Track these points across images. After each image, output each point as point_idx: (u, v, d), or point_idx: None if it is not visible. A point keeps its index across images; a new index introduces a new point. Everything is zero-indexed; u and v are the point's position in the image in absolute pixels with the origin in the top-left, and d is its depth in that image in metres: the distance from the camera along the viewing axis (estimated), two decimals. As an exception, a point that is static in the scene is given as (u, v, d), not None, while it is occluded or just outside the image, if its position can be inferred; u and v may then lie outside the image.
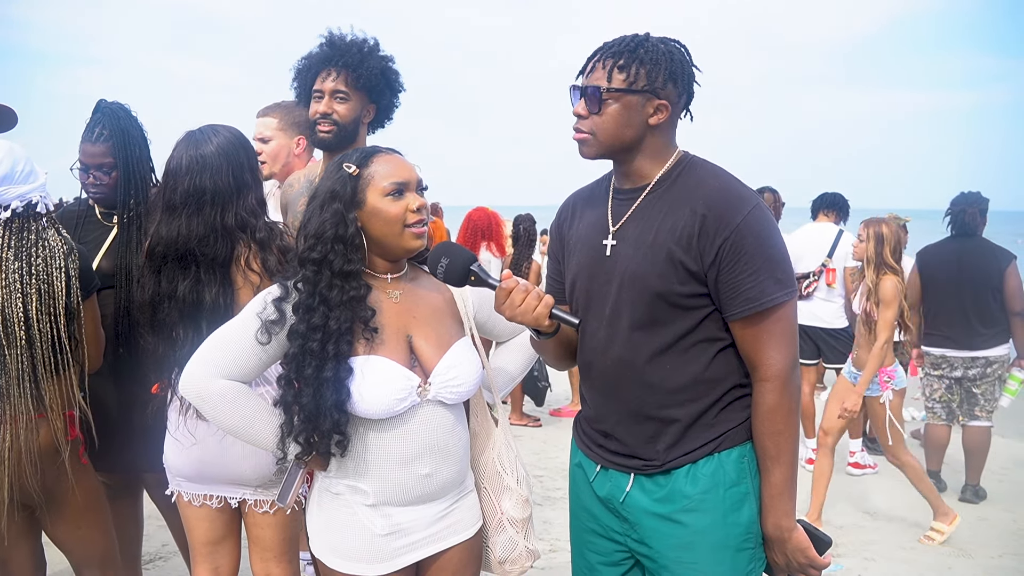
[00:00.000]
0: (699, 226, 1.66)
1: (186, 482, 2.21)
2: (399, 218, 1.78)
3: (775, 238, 1.70)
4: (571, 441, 1.99)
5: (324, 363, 1.70)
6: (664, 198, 1.73)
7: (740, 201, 1.68)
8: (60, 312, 2.19)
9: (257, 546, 2.25)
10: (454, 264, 1.74)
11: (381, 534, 1.78)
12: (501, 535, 1.94)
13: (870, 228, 4.29)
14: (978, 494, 4.98)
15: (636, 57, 1.69)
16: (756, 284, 1.65)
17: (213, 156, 2.15)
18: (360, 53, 2.55)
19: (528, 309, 1.70)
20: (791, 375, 1.70)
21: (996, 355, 4.89)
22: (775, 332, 1.68)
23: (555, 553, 3.95)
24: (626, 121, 1.71)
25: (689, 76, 1.76)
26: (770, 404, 1.70)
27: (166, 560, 3.77)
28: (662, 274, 1.69)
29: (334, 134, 2.57)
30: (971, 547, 4.25)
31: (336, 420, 1.71)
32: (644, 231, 1.73)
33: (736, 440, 1.75)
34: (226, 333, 1.79)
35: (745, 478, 1.75)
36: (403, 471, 1.77)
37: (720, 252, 1.65)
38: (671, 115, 1.74)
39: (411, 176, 1.82)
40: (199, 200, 2.13)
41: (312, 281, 1.74)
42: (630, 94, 1.70)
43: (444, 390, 1.79)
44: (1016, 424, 6.30)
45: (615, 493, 1.81)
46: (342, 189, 1.77)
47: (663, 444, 1.74)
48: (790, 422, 1.71)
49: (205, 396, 1.74)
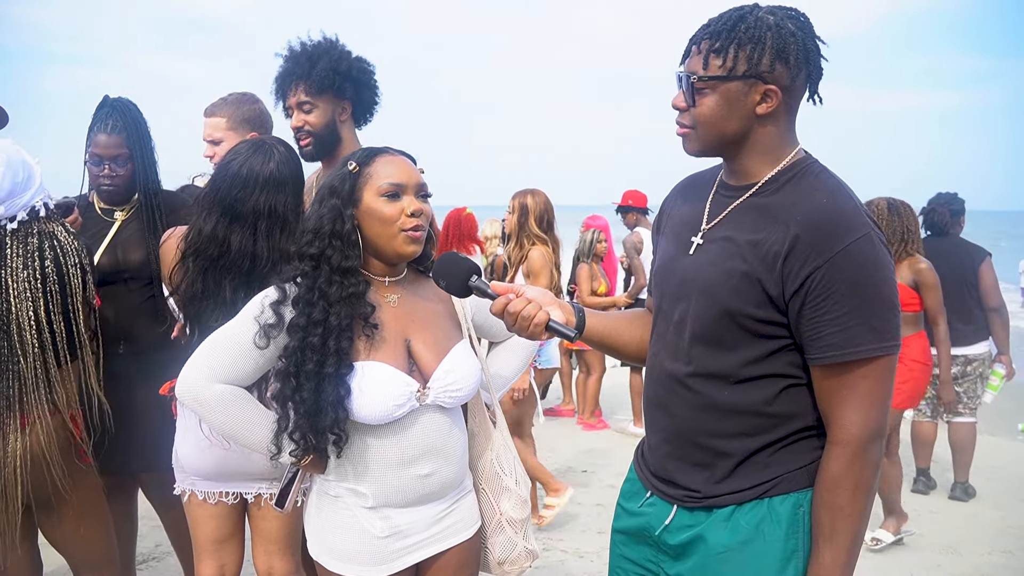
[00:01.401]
0: (789, 246, 1.43)
1: (202, 480, 2.20)
2: (393, 220, 1.76)
3: (881, 278, 1.43)
4: (631, 464, 1.82)
5: (325, 358, 1.70)
6: (765, 204, 1.51)
7: (846, 227, 1.42)
8: (79, 307, 2.22)
9: (262, 539, 2.26)
10: (454, 279, 1.69)
11: (381, 536, 1.78)
12: (500, 536, 1.94)
13: (515, 200, 4.25)
14: (967, 491, 5.02)
15: (734, 37, 1.45)
16: (843, 329, 1.41)
17: (290, 179, 2.16)
18: (309, 61, 2.56)
19: (521, 330, 1.62)
20: (870, 445, 1.44)
21: (976, 353, 4.93)
22: (857, 390, 1.43)
23: (548, 552, 3.96)
24: (726, 113, 1.48)
25: (806, 52, 1.48)
26: (835, 472, 1.45)
27: (159, 560, 3.77)
28: (736, 290, 1.48)
29: (313, 144, 2.61)
30: (960, 545, 4.29)
31: (336, 417, 1.71)
32: (733, 237, 1.52)
33: (795, 485, 1.51)
34: (223, 337, 1.78)
35: (797, 532, 1.50)
36: (402, 473, 1.77)
37: (808, 283, 1.41)
38: (785, 101, 1.49)
39: (411, 179, 1.79)
40: (270, 221, 2.12)
41: (311, 276, 1.74)
42: (729, 81, 1.46)
43: (443, 395, 1.79)
44: (1004, 422, 6.35)
45: (653, 523, 1.64)
46: (341, 185, 1.77)
47: (709, 477, 1.55)
48: (856, 499, 1.45)
49: (202, 400, 1.74)
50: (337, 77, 2.57)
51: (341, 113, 2.65)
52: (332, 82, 2.57)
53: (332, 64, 2.56)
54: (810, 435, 1.52)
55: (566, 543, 4.09)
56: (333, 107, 2.61)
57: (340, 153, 2.61)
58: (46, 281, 2.18)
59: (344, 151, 2.60)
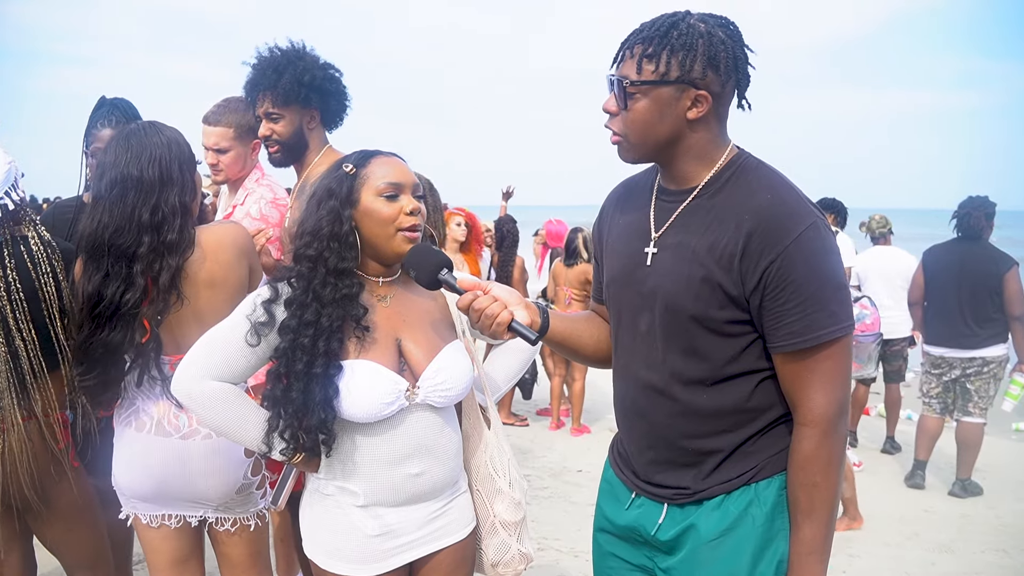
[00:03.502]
0: (743, 245, 1.47)
1: (142, 503, 2.16)
2: (392, 219, 1.77)
3: (831, 263, 1.49)
4: (605, 460, 1.88)
5: (315, 359, 1.70)
6: (710, 206, 1.54)
7: (793, 219, 1.47)
8: (55, 314, 2.17)
9: (226, 563, 2.26)
10: (424, 270, 1.72)
11: (372, 535, 1.79)
12: (494, 538, 1.93)
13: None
14: (966, 488, 5.06)
15: (667, 43, 1.48)
16: (803, 316, 1.46)
17: (149, 146, 2.10)
18: (276, 72, 2.59)
19: (484, 328, 1.64)
20: (836, 422, 1.50)
21: (993, 355, 4.98)
22: (820, 372, 1.49)
23: (543, 552, 3.96)
24: (658, 118, 1.51)
25: (736, 59, 1.52)
26: (807, 452, 1.51)
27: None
28: (698, 296, 1.51)
29: (280, 152, 2.70)
30: (955, 544, 4.30)
31: (323, 417, 1.71)
32: (684, 243, 1.55)
33: (777, 468, 1.57)
34: (216, 335, 1.79)
35: (782, 512, 1.57)
36: (393, 472, 1.78)
37: (765, 277, 1.46)
38: (714, 107, 1.52)
39: (407, 179, 1.81)
40: (123, 187, 2.06)
41: (307, 277, 1.75)
42: (661, 86, 1.49)
43: (433, 393, 1.79)
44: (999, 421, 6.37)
45: (646, 524, 1.67)
46: (338, 187, 1.78)
47: (697, 474, 1.60)
48: (829, 474, 1.51)
49: (194, 396, 1.75)
50: (302, 89, 2.61)
51: (309, 121, 2.70)
52: (297, 94, 2.61)
53: (296, 76, 2.60)
54: (788, 420, 1.57)
55: (561, 543, 4.10)
56: (300, 116, 2.67)
57: (307, 158, 2.71)
58: (10, 290, 2.12)
59: (311, 157, 2.71)
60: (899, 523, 4.54)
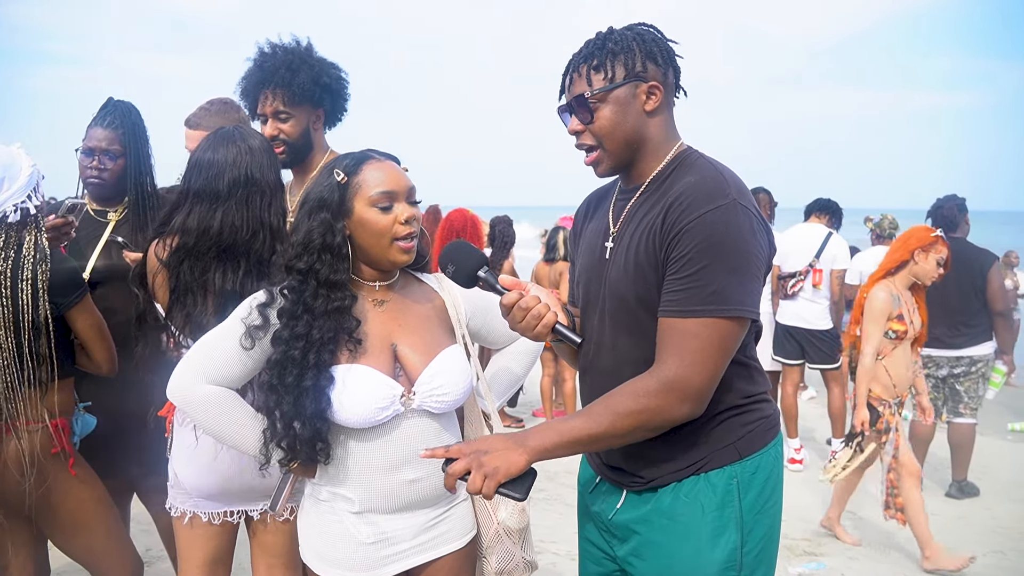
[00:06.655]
0: (661, 221, 1.55)
1: (205, 501, 2.13)
2: (386, 230, 1.74)
3: (733, 244, 1.50)
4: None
5: (305, 371, 1.68)
6: (652, 198, 1.63)
7: (707, 197, 1.52)
8: (27, 326, 2.11)
9: (265, 552, 2.20)
10: (463, 267, 1.70)
11: (367, 542, 1.77)
12: (498, 546, 1.90)
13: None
14: (963, 489, 5.07)
15: (607, 52, 1.62)
16: (685, 288, 1.50)
17: (259, 151, 2.14)
18: (290, 70, 2.51)
19: (527, 328, 1.63)
20: (675, 393, 1.49)
21: (980, 354, 5.02)
22: (686, 343, 1.49)
23: (539, 555, 3.94)
24: (622, 118, 1.62)
25: (668, 52, 1.66)
26: (637, 386, 1.51)
27: (151, 565, 3.74)
28: (636, 279, 1.60)
29: (287, 153, 2.59)
30: (951, 545, 4.30)
31: (316, 428, 1.70)
32: (631, 234, 1.64)
33: (727, 459, 1.62)
34: (212, 339, 1.78)
35: (732, 501, 1.61)
36: (388, 478, 1.75)
37: (669, 248, 1.53)
38: (665, 96, 1.65)
39: (401, 185, 1.77)
40: (248, 190, 2.09)
41: (298, 290, 1.73)
42: (615, 89, 1.61)
43: (429, 399, 1.76)
44: (994, 422, 6.38)
45: (606, 508, 1.76)
46: (330, 197, 1.74)
47: (648, 460, 1.65)
48: (625, 419, 1.50)
49: (191, 400, 1.74)
50: (317, 89, 2.55)
51: (315, 122, 2.63)
52: (312, 94, 2.54)
53: (313, 76, 2.53)
54: (737, 413, 1.63)
55: (558, 545, 4.08)
56: (308, 116, 2.59)
57: (311, 159, 2.63)
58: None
59: (315, 157, 2.63)
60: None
